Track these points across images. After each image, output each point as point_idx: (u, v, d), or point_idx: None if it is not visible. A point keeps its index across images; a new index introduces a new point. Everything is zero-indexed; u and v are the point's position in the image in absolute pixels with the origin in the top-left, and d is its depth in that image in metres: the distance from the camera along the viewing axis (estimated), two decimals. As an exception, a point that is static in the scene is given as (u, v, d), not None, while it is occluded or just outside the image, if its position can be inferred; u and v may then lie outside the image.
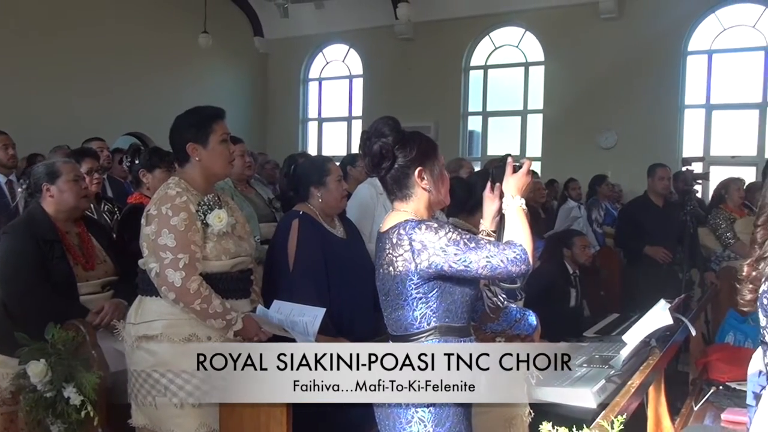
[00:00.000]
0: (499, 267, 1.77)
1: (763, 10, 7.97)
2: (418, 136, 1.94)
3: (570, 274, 4.40)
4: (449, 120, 9.64)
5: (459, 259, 1.77)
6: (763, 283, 1.63)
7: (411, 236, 1.81)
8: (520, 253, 1.79)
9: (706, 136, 8.29)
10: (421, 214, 1.91)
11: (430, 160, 1.92)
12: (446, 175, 1.98)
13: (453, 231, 1.81)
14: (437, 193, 1.93)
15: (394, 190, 1.95)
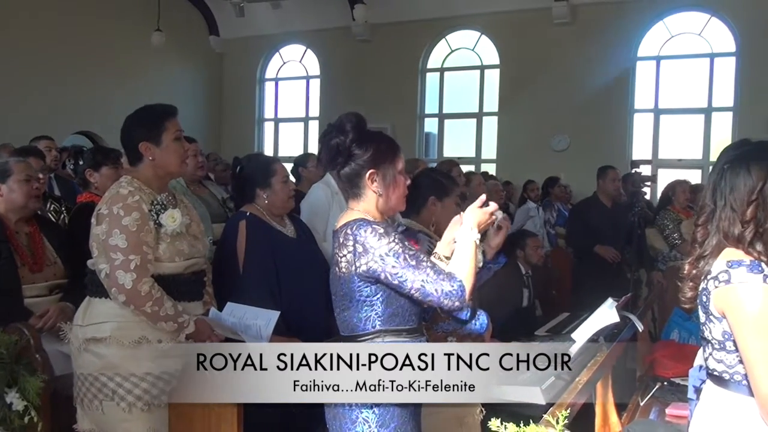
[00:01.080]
0: (432, 295, 1.75)
1: (708, 19, 8.24)
2: (379, 137, 1.93)
3: (523, 274, 4.47)
4: (406, 122, 9.69)
5: (395, 273, 1.76)
6: (703, 281, 1.69)
7: (356, 237, 1.81)
8: (457, 289, 1.75)
9: (655, 139, 8.53)
10: (373, 215, 1.91)
11: (385, 164, 1.90)
12: (402, 182, 1.94)
13: (398, 243, 1.78)
14: (387, 198, 1.91)
15: (346, 187, 1.96)
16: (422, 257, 1.79)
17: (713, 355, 1.68)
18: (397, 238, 1.80)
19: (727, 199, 1.66)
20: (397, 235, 1.81)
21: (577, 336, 2.98)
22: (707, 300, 1.65)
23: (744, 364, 1.59)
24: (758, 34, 7.73)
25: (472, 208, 1.90)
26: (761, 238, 1.62)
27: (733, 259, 1.61)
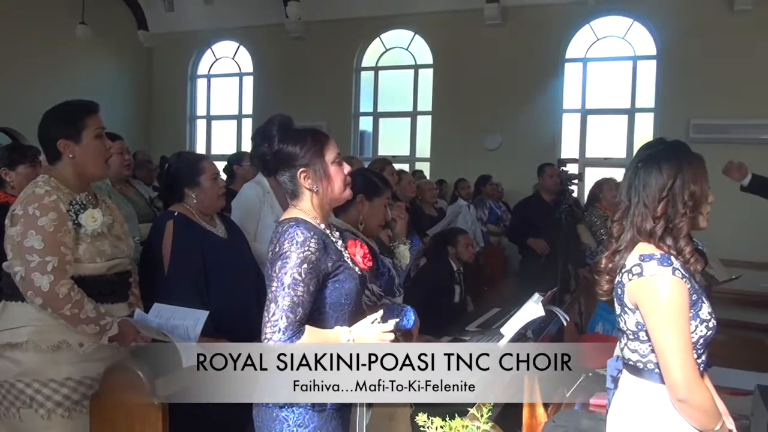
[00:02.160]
0: (268, 316, 1.74)
1: (631, 23, 8.56)
2: (303, 135, 1.92)
3: (454, 271, 4.54)
4: (341, 120, 9.68)
5: (275, 275, 1.76)
6: (618, 274, 1.76)
7: (279, 237, 1.82)
8: (281, 337, 1.72)
9: (582, 138, 8.80)
10: (313, 212, 1.91)
11: (315, 160, 1.90)
12: (338, 171, 1.93)
13: (303, 263, 1.76)
14: (325, 191, 1.91)
15: (285, 188, 1.95)
16: (303, 287, 1.76)
17: (628, 345, 1.76)
18: (307, 258, 1.77)
19: (640, 196, 1.74)
20: (308, 255, 1.77)
21: (506, 330, 3.05)
22: (622, 292, 1.72)
23: (655, 353, 1.67)
24: (677, 39, 8.09)
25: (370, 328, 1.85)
26: (671, 233, 1.70)
27: (645, 253, 1.68)
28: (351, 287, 1.88)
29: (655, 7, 8.21)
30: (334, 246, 1.90)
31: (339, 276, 1.86)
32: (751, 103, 7.61)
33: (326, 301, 1.85)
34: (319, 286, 1.82)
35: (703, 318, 1.67)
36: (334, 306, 1.86)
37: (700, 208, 1.72)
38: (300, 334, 1.75)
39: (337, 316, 1.87)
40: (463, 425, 1.58)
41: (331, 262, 1.84)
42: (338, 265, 1.86)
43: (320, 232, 1.86)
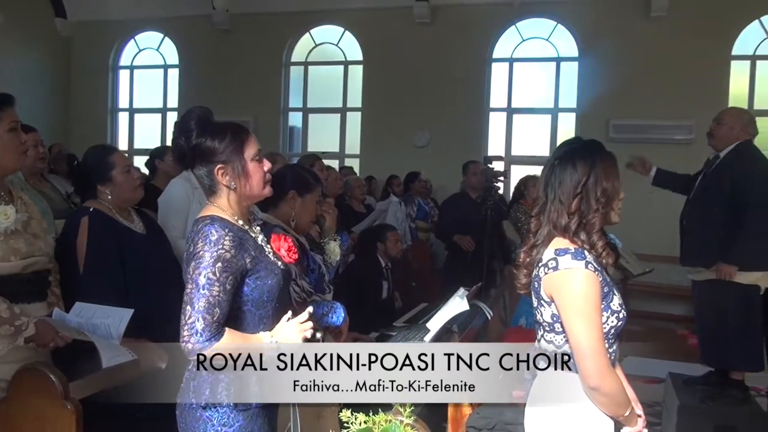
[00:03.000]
0: (186, 318, 1.70)
1: (555, 25, 8.82)
2: (222, 130, 1.87)
3: (382, 267, 4.57)
4: (269, 115, 9.56)
5: (189, 276, 1.73)
6: (536, 268, 1.82)
7: (194, 238, 1.77)
8: (198, 339, 1.68)
9: (508, 137, 9.01)
10: (230, 209, 1.87)
11: (234, 156, 1.85)
12: (257, 168, 1.89)
13: (217, 262, 1.71)
14: (243, 188, 1.87)
15: (201, 182, 1.91)
16: (218, 286, 1.71)
17: (544, 337, 1.82)
18: (222, 249, 1.73)
19: (556, 193, 1.80)
20: (223, 253, 1.74)
21: (431, 325, 3.10)
22: (539, 286, 1.78)
23: (569, 344, 1.73)
24: (597, 42, 8.40)
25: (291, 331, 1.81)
26: (585, 228, 1.77)
27: (560, 248, 1.75)
28: (273, 283, 1.85)
29: (577, 10, 8.49)
30: (253, 242, 1.86)
31: (259, 273, 1.82)
32: (667, 105, 7.99)
33: (248, 299, 1.81)
34: (238, 283, 1.78)
35: (614, 309, 1.75)
36: (256, 303, 1.83)
37: (612, 204, 1.79)
38: (219, 335, 1.71)
39: (260, 313, 1.84)
40: (386, 420, 1.59)
41: (249, 259, 1.80)
42: (258, 261, 1.83)
43: (237, 229, 1.82)
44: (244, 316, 1.82)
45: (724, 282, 3.80)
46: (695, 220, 4.04)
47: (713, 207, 3.90)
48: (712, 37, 8.00)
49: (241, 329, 1.81)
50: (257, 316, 1.84)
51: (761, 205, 3.83)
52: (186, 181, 3.40)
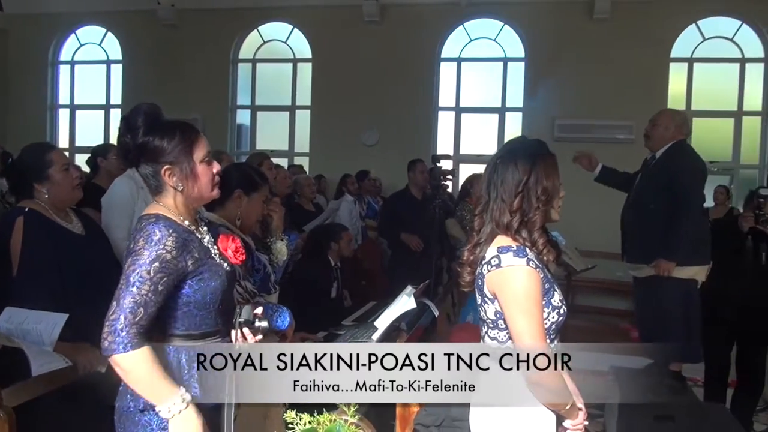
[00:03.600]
0: (110, 314, 1.64)
1: (502, 26, 8.95)
2: (171, 129, 1.82)
3: (332, 266, 4.55)
4: (217, 113, 9.41)
5: (125, 272, 1.67)
6: (479, 266, 1.84)
7: (136, 236, 1.73)
8: (115, 338, 1.61)
9: (456, 136, 9.11)
10: (175, 209, 1.82)
11: (182, 158, 1.80)
12: (205, 170, 1.85)
13: (155, 261, 1.67)
14: (191, 190, 1.82)
15: (147, 182, 1.86)
16: (149, 286, 1.66)
17: (488, 333, 1.84)
18: (163, 249, 1.69)
19: (498, 191, 1.83)
20: (167, 247, 1.69)
21: (379, 323, 3.11)
22: (482, 283, 1.80)
23: (512, 339, 1.76)
24: (542, 43, 8.57)
25: None
26: (526, 226, 1.80)
27: (503, 245, 1.77)
28: (216, 285, 1.81)
29: (523, 11, 8.64)
30: (199, 243, 1.83)
31: (203, 274, 1.78)
32: (610, 105, 8.21)
33: (190, 300, 1.78)
34: (175, 285, 1.74)
35: (555, 305, 1.78)
36: (198, 305, 1.79)
37: (553, 202, 1.83)
38: (138, 344, 1.62)
39: (202, 314, 1.81)
40: (331, 420, 1.58)
41: (192, 261, 1.76)
42: (202, 263, 1.79)
43: (182, 230, 1.78)
44: (185, 316, 1.78)
45: (663, 277, 3.92)
46: (635, 218, 4.16)
47: (651, 205, 4.03)
48: (652, 40, 8.27)
49: (182, 329, 1.78)
50: (198, 317, 1.80)
51: (695, 203, 3.98)
52: (130, 180, 3.30)
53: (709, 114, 8.48)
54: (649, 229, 4.02)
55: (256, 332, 1.89)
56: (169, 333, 1.78)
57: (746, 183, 7.90)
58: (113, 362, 1.65)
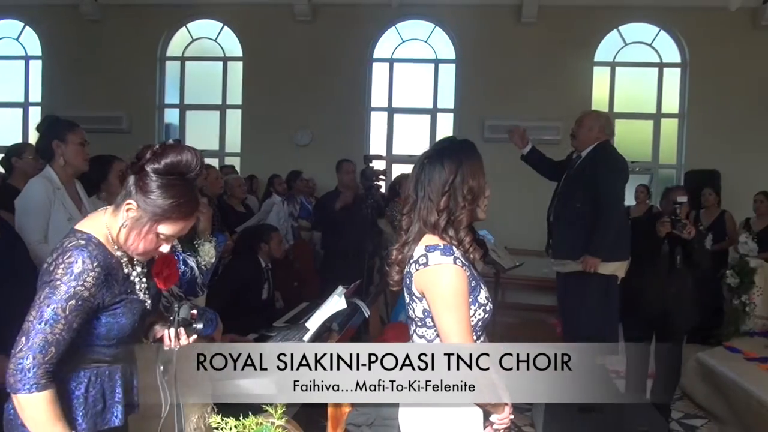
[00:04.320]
0: (15, 351, 1.56)
1: (433, 28, 9.06)
2: (182, 194, 1.68)
3: (263, 267, 4.49)
4: (143, 111, 9.13)
5: (33, 316, 1.57)
6: (407, 265, 1.85)
7: (58, 259, 1.61)
8: (19, 373, 1.54)
9: (389, 136, 9.15)
10: (111, 237, 1.70)
11: (153, 216, 1.67)
12: (157, 242, 1.72)
13: (71, 299, 1.57)
14: (126, 240, 1.69)
15: (120, 189, 1.76)
16: (63, 324, 1.57)
17: (416, 332, 1.86)
18: (81, 287, 1.59)
19: (426, 191, 1.84)
20: (86, 284, 1.59)
21: (310, 324, 3.09)
22: (410, 282, 1.81)
23: (440, 337, 1.78)
24: (472, 45, 8.73)
25: None
26: (453, 225, 1.82)
27: (430, 244, 1.79)
28: (125, 323, 1.71)
29: (453, 14, 8.77)
30: (123, 277, 1.72)
31: (116, 310, 1.69)
32: (537, 106, 8.43)
33: (94, 332, 1.68)
34: (90, 317, 1.64)
35: (481, 302, 1.81)
36: (101, 337, 1.70)
37: (478, 201, 1.86)
38: (44, 386, 1.55)
39: (101, 343, 1.71)
40: (257, 423, 1.56)
41: (110, 296, 1.67)
42: (120, 299, 1.69)
43: (109, 262, 1.67)
44: (87, 345, 1.68)
45: (586, 273, 4.06)
46: (561, 216, 4.29)
47: (577, 203, 4.16)
48: (577, 44, 8.55)
49: (75, 357, 1.67)
50: (95, 346, 1.70)
51: (617, 201, 4.14)
52: (46, 180, 3.15)
53: (630, 116, 8.84)
54: (576, 227, 4.15)
55: (191, 333, 1.84)
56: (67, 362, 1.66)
57: (665, 182, 8.28)
58: (15, 399, 1.57)
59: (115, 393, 1.75)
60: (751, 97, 8.38)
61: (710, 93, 8.43)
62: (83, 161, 3.21)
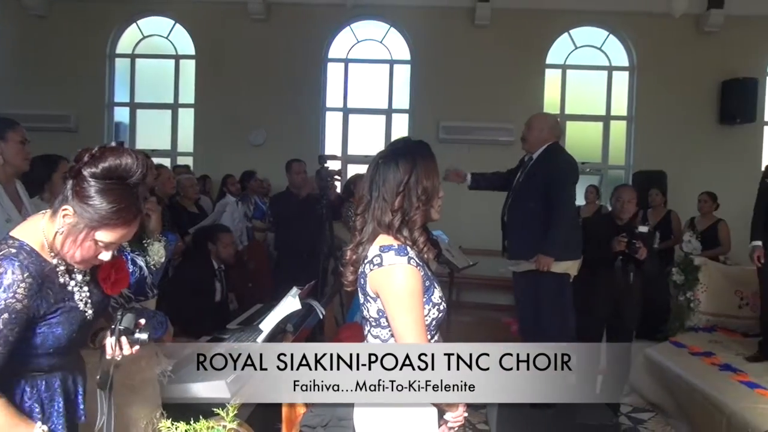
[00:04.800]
0: None
1: (388, 29, 9.08)
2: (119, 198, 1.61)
3: (215, 269, 4.42)
4: (92, 110, 8.90)
5: None
6: (362, 265, 1.85)
7: None
8: None
9: (344, 136, 9.14)
10: (45, 243, 1.64)
11: (90, 223, 1.61)
12: (96, 249, 1.66)
13: (3, 312, 1.51)
14: (63, 247, 1.63)
15: (58, 191, 1.69)
16: (1, 340, 1.53)
17: (371, 332, 1.86)
18: (13, 299, 1.53)
19: (380, 191, 1.84)
20: (17, 295, 1.53)
21: (264, 326, 3.06)
22: (364, 282, 1.81)
23: (394, 337, 1.78)
24: (427, 47, 8.78)
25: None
26: (407, 225, 1.83)
27: (385, 244, 1.79)
28: (61, 333, 1.65)
29: (408, 15, 8.80)
30: (59, 286, 1.66)
31: (52, 320, 1.63)
32: (491, 108, 8.54)
33: (28, 342, 1.61)
34: (28, 327, 1.59)
35: (435, 302, 1.82)
36: (36, 346, 1.64)
37: (432, 202, 1.87)
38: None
39: (38, 353, 1.65)
40: (209, 427, 1.54)
41: (45, 306, 1.61)
42: (56, 309, 1.63)
43: (43, 270, 1.61)
44: (15, 354, 1.61)
45: (540, 272, 4.12)
46: (515, 217, 4.35)
47: (530, 204, 4.23)
48: (529, 47, 8.69)
49: (8, 368, 1.60)
50: (30, 356, 1.65)
51: (568, 201, 4.22)
52: None
53: (581, 118, 9.03)
54: (529, 227, 4.21)
55: (134, 343, 1.77)
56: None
57: (614, 182, 8.47)
58: None
59: (54, 402, 1.70)
60: (695, 100, 8.67)
61: (657, 96, 8.68)
62: (23, 160, 3.10)
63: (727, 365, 4.67)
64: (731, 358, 4.85)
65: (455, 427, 1.90)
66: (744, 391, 4.12)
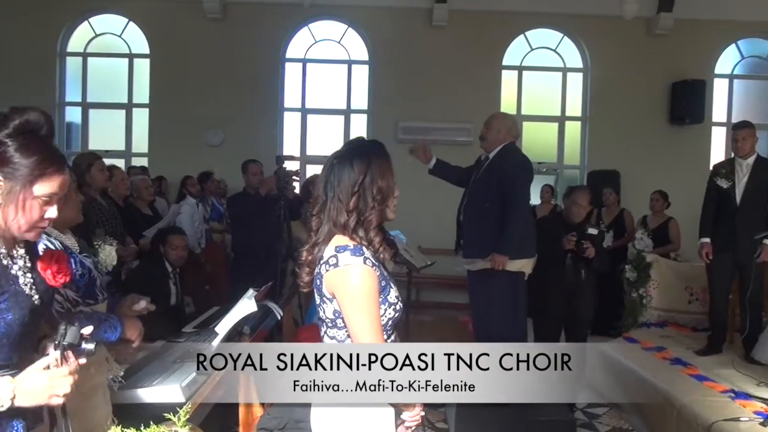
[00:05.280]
0: None
1: (346, 29, 9.07)
2: (34, 149, 1.57)
3: (169, 271, 4.35)
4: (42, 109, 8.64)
5: None
6: (318, 266, 1.84)
7: None
8: None
9: (303, 136, 9.09)
10: None
11: (21, 180, 1.57)
12: (40, 210, 1.62)
13: None
14: (6, 215, 1.58)
15: None
16: None
17: (327, 333, 1.85)
18: None
19: (335, 191, 1.84)
20: None
21: (220, 329, 3.02)
22: (320, 283, 1.81)
23: (351, 338, 1.78)
24: (385, 47, 8.80)
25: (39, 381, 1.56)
26: (363, 225, 1.83)
27: (340, 245, 1.79)
28: (13, 319, 1.61)
29: (366, 15, 8.81)
30: (2, 267, 1.62)
31: (1, 306, 1.58)
32: (449, 109, 8.61)
33: None
34: None
35: (391, 302, 1.83)
36: None
37: (388, 202, 1.87)
38: None
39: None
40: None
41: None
42: (2, 292, 1.59)
43: None
44: None
45: (495, 270, 4.17)
46: (471, 216, 4.39)
47: (485, 203, 4.28)
48: (486, 48, 8.79)
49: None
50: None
51: (522, 200, 4.29)
52: None
53: (537, 119, 9.18)
54: (484, 226, 4.26)
55: (80, 355, 1.72)
56: None
57: (569, 182, 8.64)
58: None
59: None
60: (647, 101, 8.89)
61: (609, 97, 8.87)
62: None
63: (677, 359, 4.80)
64: (682, 352, 4.98)
65: (412, 426, 1.91)
66: (693, 384, 4.24)
